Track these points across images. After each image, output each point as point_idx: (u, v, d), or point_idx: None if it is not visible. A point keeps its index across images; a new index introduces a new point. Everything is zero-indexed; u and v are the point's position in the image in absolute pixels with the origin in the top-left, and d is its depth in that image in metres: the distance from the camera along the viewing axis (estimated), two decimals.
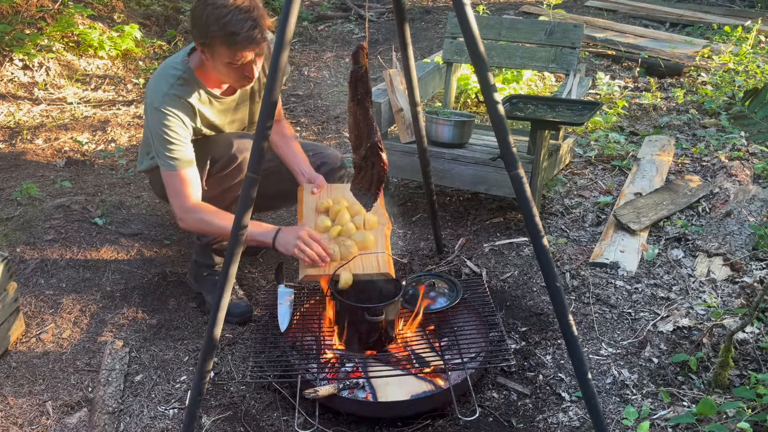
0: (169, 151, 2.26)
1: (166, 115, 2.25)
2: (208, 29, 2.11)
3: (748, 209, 2.99)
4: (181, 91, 2.28)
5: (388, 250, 2.27)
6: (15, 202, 3.34)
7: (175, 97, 2.27)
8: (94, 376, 2.29)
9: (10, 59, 5.02)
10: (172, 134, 2.25)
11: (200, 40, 2.18)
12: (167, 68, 2.33)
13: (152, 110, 2.26)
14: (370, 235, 2.28)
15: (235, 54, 2.15)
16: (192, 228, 2.40)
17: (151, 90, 2.30)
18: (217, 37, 2.12)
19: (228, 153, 2.35)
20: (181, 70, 2.30)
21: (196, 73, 2.32)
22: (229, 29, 2.10)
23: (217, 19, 2.09)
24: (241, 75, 2.24)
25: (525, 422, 2.10)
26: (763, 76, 4.98)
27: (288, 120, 4.62)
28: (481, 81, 1.70)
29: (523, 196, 1.73)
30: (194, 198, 2.30)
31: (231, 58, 2.17)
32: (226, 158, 2.35)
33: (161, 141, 2.26)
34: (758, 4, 7.57)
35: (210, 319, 1.83)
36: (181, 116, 2.27)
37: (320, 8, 7.56)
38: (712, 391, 2.12)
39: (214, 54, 2.18)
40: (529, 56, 3.47)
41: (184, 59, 2.34)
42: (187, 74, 2.30)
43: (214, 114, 2.41)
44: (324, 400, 2.05)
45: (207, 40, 2.15)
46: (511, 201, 3.37)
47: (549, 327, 2.52)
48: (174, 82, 2.28)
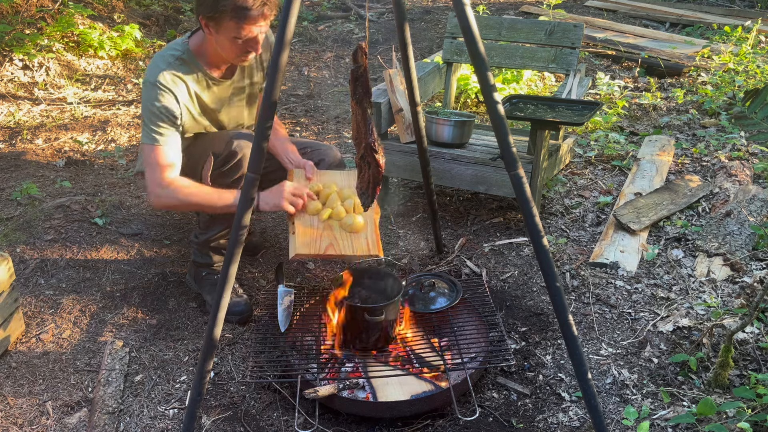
0: (156, 125, 2.27)
1: (159, 90, 2.26)
2: (218, 3, 2.13)
3: (748, 209, 2.99)
4: (180, 69, 2.30)
5: (377, 233, 2.29)
6: (15, 202, 3.34)
7: (173, 75, 2.29)
8: (94, 376, 2.29)
9: (10, 59, 5.02)
10: (162, 109, 2.27)
11: (208, 13, 2.18)
12: (167, 49, 2.36)
13: (148, 85, 2.28)
14: (359, 219, 2.30)
15: (243, 28, 2.17)
16: (165, 205, 2.39)
17: (150, 68, 2.32)
18: (227, 11, 2.14)
19: (228, 149, 2.35)
20: (181, 51, 2.33)
21: (196, 54, 2.34)
22: (239, 4, 2.12)
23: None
24: (243, 50, 2.27)
25: (525, 422, 2.10)
26: (763, 76, 4.98)
27: (283, 121, 4.63)
28: (481, 81, 1.70)
29: (523, 196, 1.73)
30: (171, 175, 2.29)
31: (237, 33, 2.19)
32: (226, 154, 2.36)
33: (150, 115, 2.27)
34: (758, 4, 7.57)
35: (210, 319, 1.83)
36: (175, 93, 2.29)
37: (320, 8, 7.56)
38: (712, 391, 2.12)
39: (220, 28, 2.20)
40: (529, 56, 3.47)
41: (184, 41, 2.36)
42: (186, 55, 2.33)
43: (210, 99, 2.42)
44: (324, 400, 2.05)
45: (215, 14, 2.16)
46: (511, 201, 3.37)
47: (549, 327, 2.52)
48: (173, 61, 2.30)
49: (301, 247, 2.20)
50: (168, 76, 2.27)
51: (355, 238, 2.26)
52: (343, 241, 2.24)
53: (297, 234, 2.25)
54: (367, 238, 2.26)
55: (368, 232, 2.29)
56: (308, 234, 2.26)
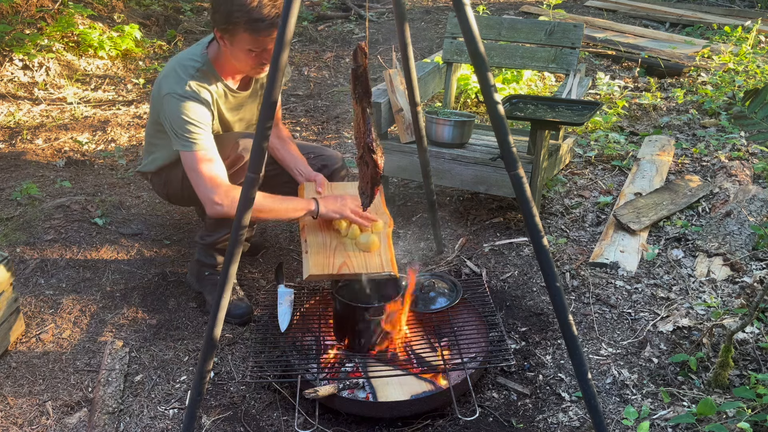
0: (189, 133, 2.22)
1: (188, 101, 2.23)
2: (232, 15, 2.13)
3: (748, 209, 2.99)
4: (203, 81, 2.30)
5: (390, 250, 2.28)
6: (15, 202, 3.34)
7: (198, 86, 2.28)
8: (94, 376, 2.29)
9: (10, 59, 5.02)
10: (195, 120, 2.23)
11: (222, 25, 2.18)
12: (185, 59, 2.33)
13: (174, 98, 2.23)
14: (375, 238, 2.30)
15: (257, 41, 2.17)
16: (233, 212, 1.85)
17: (170, 79, 2.28)
18: (241, 23, 2.13)
19: (235, 152, 2.35)
20: (201, 62, 2.32)
21: (215, 65, 2.34)
22: (253, 16, 2.11)
23: (242, 5, 2.10)
24: (258, 62, 2.26)
25: (525, 422, 2.10)
26: (763, 76, 4.98)
27: (283, 122, 4.63)
28: (481, 81, 1.70)
29: (523, 196, 1.73)
30: (226, 178, 2.26)
31: (252, 45, 2.19)
32: (234, 157, 2.35)
33: (182, 124, 2.21)
34: (758, 4, 7.57)
35: (210, 319, 1.83)
36: (205, 100, 2.28)
37: (320, 8, 7.56)
38: (712, 391, 2.12)
39: (235, 40, 2.20)
40: (529, 56, 3.47)
41: (203, 51, 2.35)
42: (206, 66, 2.32)
43: (227, 109, 2.43)
44: (324, 400, 2.05)
45: (229, 26, 2.16)
46: (511, 201, 3.37)
47: (549, 327, 2.52)
48: (194, 73, 2.30)
49: (315, 267, 2.18)
50: (194, 85, 2.27)
51: (369, 256, 2.25)
52: (356, 260, 2.22)
53: (310, 254, 2.24)
54: (381, 256, 2.25)
55: (382, 249, 2.28)
56: (321, 253, 2.24)
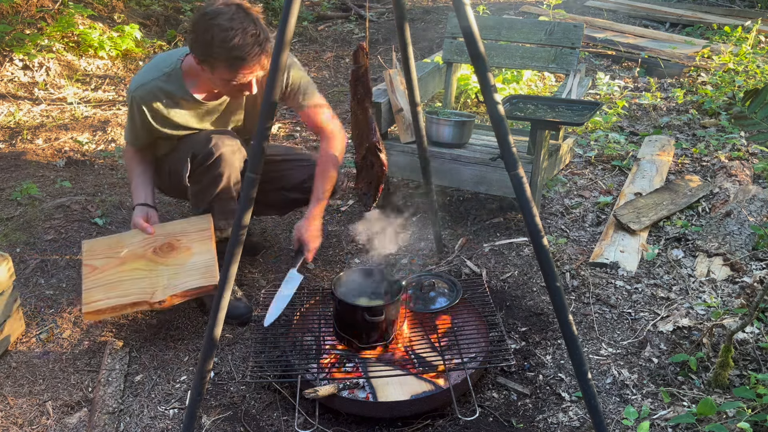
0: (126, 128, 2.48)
1: (134, 104, 2.34)
2: (212, 50, 2.11)
3: (748, 209, 2.99)
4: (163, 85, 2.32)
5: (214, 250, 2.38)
6: (15, 202, 3.34)
7: (149, 93, 2.32)
8: (94, 376, 2.29)
9: (10, 59, 5.02)
10: (136, 122, 2.40)
11: (201, 57, 2.17)
12: (159, 62, 2.38)
13: (128, 94, 2.37)
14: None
15: (237, 74, 2.16)
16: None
17: (137, 75, 2.39)
18: (221, 59, 2.12)
19: (206, 148, 2.34)
20: (170, 69, 2.33)
21: (185, 76, 2.33)
22: (234, 54, 2.09)
23: (223, 41, 2.07)
24: (237, 90, 2.26)
25: (525, 422, 2.10)
26: (763, 76, 4.98)
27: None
28: (481, 81, 1.70)
29: (523, 196, 1.73)
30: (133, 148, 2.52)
31: (232, 77, 2.17)
32: (205, 153, 2.34)
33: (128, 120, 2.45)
34: (758, 4, 7.57)
35: (210, 319, 1.83)
36: (149, 110, 2.34)
37: (320, 8, 7.56)
38: (712, 391, 2.12)
39: (215, 70, 2.18)
40: (529, 56, 3.47)
41: (179, 58, 2.35)
42: (174, 75, 2.32)
43: (189, 116, 2.42)
44: (324, 400, 2.05)
45: (209, 59, 2.15)
46: (511, 201, 3.37)
47: (549, 327, 2.52)
48: (159, 76, 2.32)
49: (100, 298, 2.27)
50: (144, 92, 2.32)
51: (185, 267, 2.34)
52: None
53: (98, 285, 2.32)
54: (201, 267, 2.34)
55: (203, 254, 2.36)
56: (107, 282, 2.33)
